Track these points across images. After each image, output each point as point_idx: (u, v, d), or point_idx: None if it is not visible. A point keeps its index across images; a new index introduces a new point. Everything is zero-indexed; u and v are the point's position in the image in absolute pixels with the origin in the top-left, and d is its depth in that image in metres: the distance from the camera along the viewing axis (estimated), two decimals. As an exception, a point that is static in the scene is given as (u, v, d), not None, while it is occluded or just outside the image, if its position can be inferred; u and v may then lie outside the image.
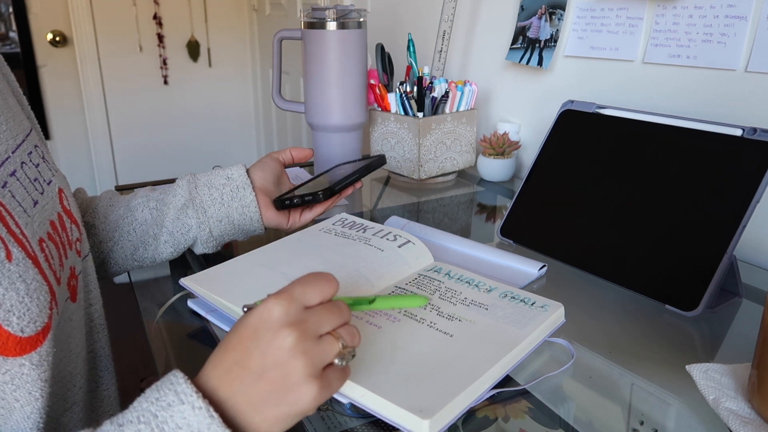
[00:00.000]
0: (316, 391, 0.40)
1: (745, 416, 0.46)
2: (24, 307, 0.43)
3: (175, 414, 0.38)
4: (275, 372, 0.39)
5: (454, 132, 1.11)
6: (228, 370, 0.40)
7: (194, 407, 0.38)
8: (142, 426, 0.38)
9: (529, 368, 0.55)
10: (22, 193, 0.49)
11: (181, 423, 0.38)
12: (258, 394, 0.39)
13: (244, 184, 0.74)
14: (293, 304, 0.40)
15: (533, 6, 1.12)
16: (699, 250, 0.64)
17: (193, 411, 0.38)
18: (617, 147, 0.76)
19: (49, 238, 0.51)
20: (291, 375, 0.39)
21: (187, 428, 0.38)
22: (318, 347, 0.40)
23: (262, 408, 0.40)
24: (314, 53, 1.02)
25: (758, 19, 0.78)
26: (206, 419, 0.38)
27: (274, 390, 0.39)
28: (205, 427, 0.38)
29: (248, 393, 0.40)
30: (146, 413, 0.39)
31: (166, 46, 2.63)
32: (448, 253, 0.77)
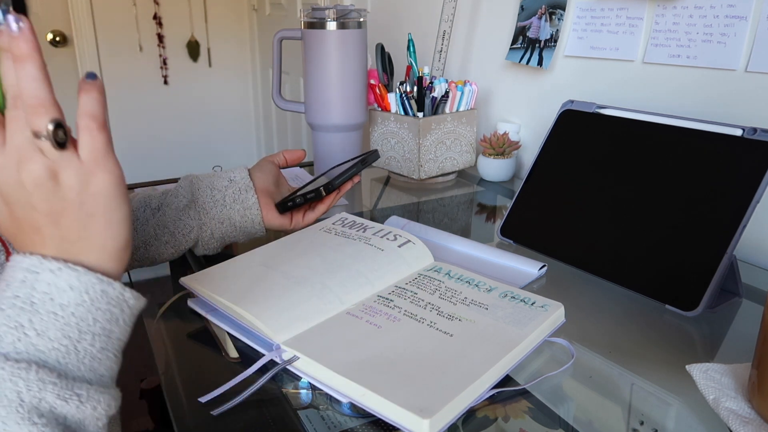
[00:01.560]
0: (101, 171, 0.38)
1: (745, 416, 0.46)
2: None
3: (36, 285, 0.37)
4: (55, 204, 0.37)
5: (454, 132, 1.11)
6: (35, 243, 0.38)
7: (52, 270, 0.37)
8: (8, 311, 0.36)
9: (529, 368, 0.55)
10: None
11: (48, 289, 0.37)
12: (70, 228, 0.38)
13: (247, 186, 0.74)
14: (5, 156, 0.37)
15: (533, 6, 1.12)
16: (699, 250, 0.64)
17: (53, 274, 0.37)
18: (617, 147, 0.76)
19: None
20: (71, 190, 0.37)
21: (58, 290, 0.37)
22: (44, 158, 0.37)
23: (84, 238, 0.38)
24: (314, 53, 1.02)
25: (758, 19, 0.78)
26: (72, 274, 0.37)
27: (75, 215, 0.38)
28: (75, 280, 0.37)
29: (66, 237, 0.38)
30: (3, 300, 0.37)
31: (166, 46, 2.63)
32: (448, 253, 0.77)
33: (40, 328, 0.36)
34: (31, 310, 0.36)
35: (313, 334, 0.55)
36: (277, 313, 0.57)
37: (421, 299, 0.61)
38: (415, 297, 0.62)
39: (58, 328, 0.36)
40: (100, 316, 0.38)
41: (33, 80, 0.37)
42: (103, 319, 0.38)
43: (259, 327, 0.55)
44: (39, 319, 0.36)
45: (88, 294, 0.37)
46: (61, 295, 0.37)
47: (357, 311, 0.59)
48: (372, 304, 0.60)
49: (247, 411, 0.50)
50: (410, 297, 0.62)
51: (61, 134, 0.37)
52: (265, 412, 0.50)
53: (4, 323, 0.36)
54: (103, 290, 0.38)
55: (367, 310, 0.59)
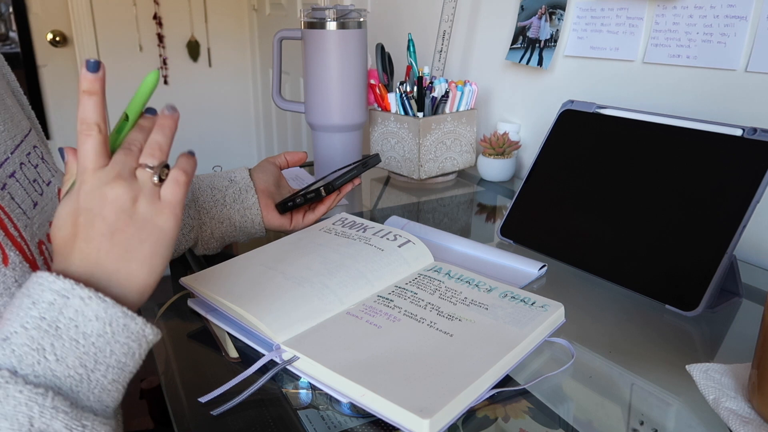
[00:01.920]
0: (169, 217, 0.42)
1: (745, 416, 0.46)
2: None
3: (65, 310, 0.37)
4: (121, 220, 0.40)
5: (454, 132, 1.11)
6: (81, 252, 0.40)
7: (83, 298, 0.38)
8: (33, 332, 0.37)
9: (529, 368, 0.55)
10: (21, 194, 0.49)
11: (75, 316, 0.37)
12: (120, 246, 0.40)
13: (247, 186, 0.74)
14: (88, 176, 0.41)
15: (533, 6, 1.12)
16: (699, 250, 0.64)
17: (83, 302, 0.37)
18: (617, 147, 0.76)
19: (48, 239, 0.51)
20: (142, 219, 0.41)
21: (84, 319, 0.37)
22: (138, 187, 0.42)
23: (132, 254, 0.41)
24: (314, 53, 1.02)
25: (758, 19, 0.78)
26: (101, 305, 0.38)
27: (131, 232, 0.41)
28: (102, 311, 0.38)
29: (111, 253, 0.40)
30: (30, 320, 0.37)
31: (166, 46, 2.63)
32: (448, 253, 0.77)
33: (60, 353, 0.37)
34: (55, 334, 0.37)
35: (313, 334, 0.55)
36: (277, 313, 0.57)
37: (421, 299, 0.61)
38: (415, 297, 0.62)
39: (77, 356, 0.37)
40: (118, 349, 0.39)
41: (164, 135, 0.44)
42: (120, 352, 0.39)
43: (259, 327, 0.55)
44: (61, 344, 0.37)
45: (111, 326, 0.38)
46: (86, 324, 0.37)
47: (357, 311, 0.59)
48: (372, 304, 0.60)
49: (247, 411, 0.50)
50: (410, 297, 0.62)
51: (164, 175, 0.43)
52: (265, 412, 0.50)
53: (27, 343, 0.36)
54: (125, 324, 0.39)
55: (367, 310, 0.59)
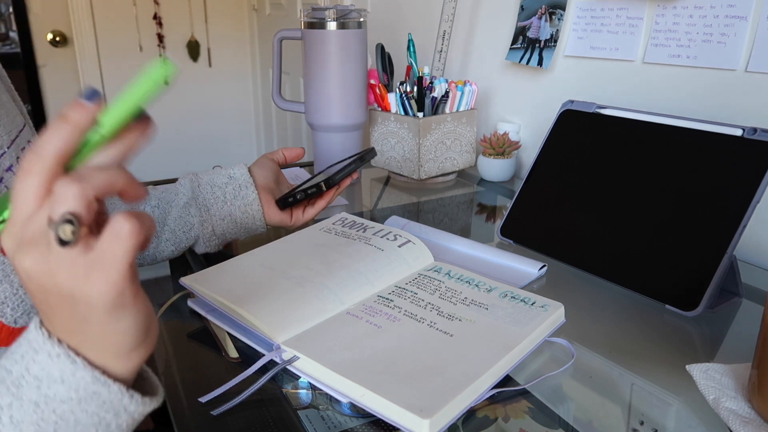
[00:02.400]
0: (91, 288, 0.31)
1: (745, 416, 0.46)
2: (18, 299, 0.44)
3: (31, 366, 0.33)
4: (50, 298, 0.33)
5: (454, 132, 1.11)
6: (44, 317, 0.35)
7: (50, 355, 0.33)
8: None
9: (529, 368, 0.55)
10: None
11: (40, 374, 0.33)
12: (67, 324, 0.33)
13: (247, 182, 0.74)
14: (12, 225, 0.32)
15: (533, 6, 1.12)
16: (699, 250, 0.64)
17: (50, 359, 0.33)
18: (617, 147, 0.76)
19: None
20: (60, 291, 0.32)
21: (49, 379, 0.33)
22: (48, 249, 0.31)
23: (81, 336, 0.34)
24: (314, 53, 1.02)
25: (758, 19, 0.78)
26: (68, 366, 0.33)
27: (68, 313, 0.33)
28: (69, 374, 0.33)
29: (64, 328, 0.34)
30: (1, 370, 0.34)
31: (166, 46, 2.63)
32: (448, 253, 0.77)
33: (17, 416, 0.33)
34: (15, 393, 0.33)
35: (313, 334, 0.55)
36: (277, 313, 0.57)
37: (421, 299, 0.61)
38: (415, 297, 0.62)
39: (34, 421, 0.33)
40: (85, 419, 0.34)
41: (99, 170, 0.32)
42: (88, 422, 0.34)
43: (259, 327, 0.55)
44: (19, 405, 0.33)
45: (77, 393, 0.33)
46: (50, 386, 0.33)
47: (357, 311, 0.59)
48: (372, 304, 0.60)
49: (247, 411, 0.50)
50: (410, 297, 0.62)
51: (69, 233, 0.30)
52: (265, 412, 0.50)
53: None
54: (95, 391, 0.34)
55: (367, 310, 0.59)
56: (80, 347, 0.34)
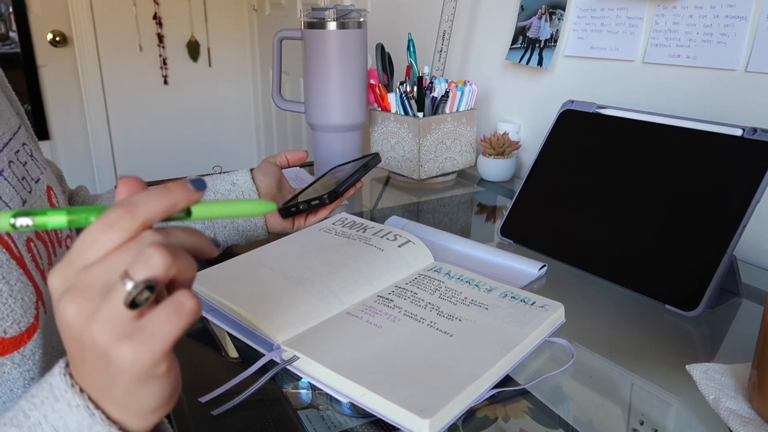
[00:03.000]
0: (129, 353, 0.30)
1: (745, 416, 0.46)
2: (7, 309, 0.44)
3: (50, 414, 0.33)
4: (84, 351, 0.32)
5: (454, 132, 1.11)
6: (72, 362, 0.34)
7: (70, 405, 0.33)
8: (13, 430, 0.33)
9: (529, 368, 0.55)
10: (10, 192, 0.49)
11: (57, 424, 0.33)
12: (95, 377, 0.33)
13: (250, 190, 0.74)
14: (68, 267, 0.32)
15: (533, 6, 1.12)
16: (699, 250, 0.64)
17: (69, 409, 0.33)
18: (617, 147, 0.76)
19: (37, 237, 0.50)
20: (95, 346, 0.31)
21: (65, 429, 0.33)
22: (102, 304, 0.30)
23: (110, 388, 0.33)
24: (314, 53, 1.02)
25: (758, 19, 0.78)
26: (86, 418, 0.33)
27: (99, 368, 0.32)
28: (86, 427, 0.33)
29: (89, 380, 0.33)
30: (19, 414, 0.34)
31: (166, 46, 2.64)
32: (448, 253, 0.77)
33: None
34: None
35: (313, 334, 0.55)
36: (277, 313, 0.57)
37: (421, 299, 0.61)
38: (415, 297, 0.62)
39: None
40: None
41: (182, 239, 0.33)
42: None
43: (259, 327, 0.55)
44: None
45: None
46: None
47: (357, 311, 0.59)
48: (372, 304, 0.60)
49: (247, 411, 0.50)
50: (410, 297, 0.62)
51: (143, 299, 0.30)
52: (265, 412, 0.50)
53: None
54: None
55: (367, 310, 0.59)
56: (102, 401, 0.34)
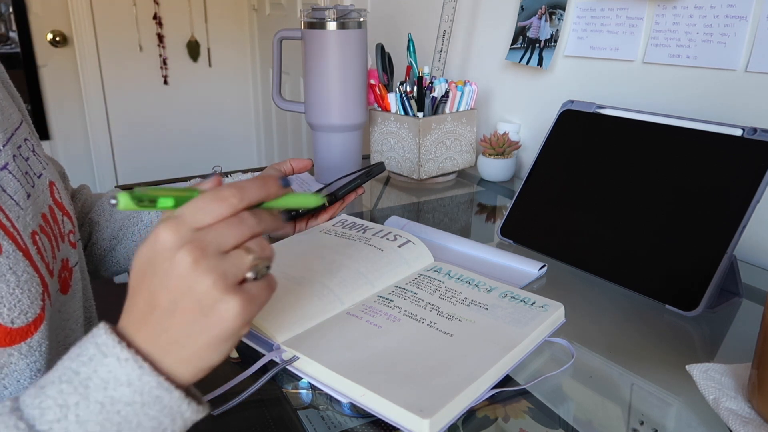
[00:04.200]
0: (237, 306, 0.35)
1: (745, 416, 0.46)
2: (15, 299, 0.44)
3: (99, 368, 0.35)
4: (186, 300, 0.35)
5: (454, 132, 1.11)
6: (142, 316, 0.37)
7: (119, 359, 0.35)
8: (64, 385, 0.35)
9: (529, 368, 0.55)
10: (15, 186, 0.49)
11: (107, 377, 0.35)
12: (178, 329, 0.36)
13: None
14: (182, 226, 0.36)
15: (533, 6, 1.12)
16: (699, 250, 0.64)
17: (118, 363, 0.35)
18: (617, 147, 0.76)
19: (41, 230, 0.51)
20: (202, 297, 0.35)
21: (115, 382, 0.35)
22: (224, 261, 0.36)
23: (188, 342, 0.36)
24: (314, 53, 1.02)
25: (758, 19, 0.78)
26: (135, 370, 0.35)
27: (192, 319, 0.36)
28: (136, 378, 0.35)
29: (169, 332, 0.36)
30: (67, 371, 0.35)
31: (166, 46, 2.63)
32: (448, 253, 0.77)
33: (83, 415, 0.34)
34: (83, 393, 0.35)
35: (313, 334, 0.55)
36: (277, 314, 0.57)
37: (421, 299, 0.61)
38: (415, 297, 0.62)
39: (99, 422, 0.35)
40: (147, 422, 0.35)
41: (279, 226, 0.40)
42: (149, 426, 0.36)
43: (259, 327, 0.55)
44: (85, 405, 0.35)
45: (142, 396, 0.35)
46: (116, 389, 0.35)
47: (357, 311, 0.59)
48: (372, 304, 0.60)
49: (247, 411, 0.50)
50: (410, 297, 0.62)
51: (263, 271, 0.38)
52: (265, 412, 0.50)
53: (53, 397, 0.35)
54: (158, 396, 0.35)
55: (367, 310, 0.59)
56: (163, 355, 0.36)
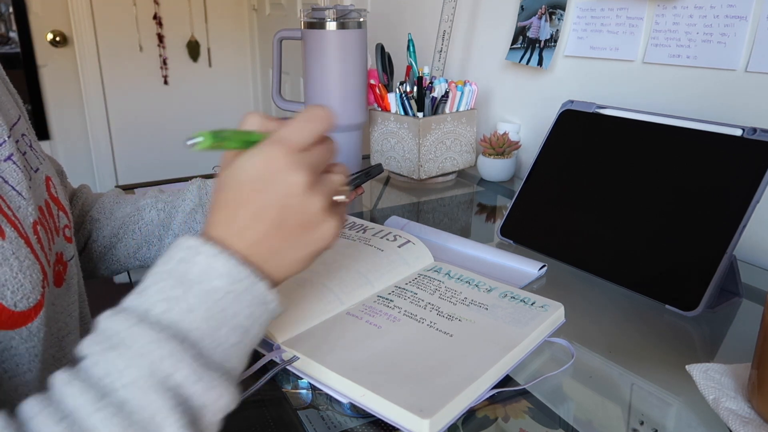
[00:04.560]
0: (335, 226, 0.41)
1: (745, 416, 0.46)
2: (17, 283, 0.44)
3: (193, 266, 0.37)
4: (296, 216, 0.39)
5: (454, 132, 1.11)
6: (245, 227, 0.39)
7: (210, 255, 0.38)
8: (163, 284, 0.37)
9: (529, 368, 0.55)
10: (18, 177, 0.50)
11: (204, 270, 0.37)
12: (282, 241, 0.40)
13: None
14: (292, 148, 0.39)
15: (533, 6, 1.12)
16: (699, 250, 0.64)
17: (212, 258, 0.38)
18: (617, 147, 0.76)
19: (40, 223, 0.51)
20: (312, 215, 0.40)
21: (211, 274, 0.37)
22: (325, 183, 0.41)
23: (288, 252, 0.40)
24: (314, 53, 1.02)
25: (758, 19, 0.78)
26: (227, 262, 0.38)
27: (298, 233, 0.40)
28: (231, 268, 0.38)
29: (271, 242, 0.40)
30: (161, 274, 0.38)
31: (166, 46, 2.63)
32: (448, 253, 0.77)
33: (190, 304, 0.37)
34: (185, 286, 0.37)
35: (313, 335, 0.55)
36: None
37: (421, 299, 0.61)
38: (415, 297, 0.62)
39: (204, 309, 0.37)
40: (242, 310, 0.38)
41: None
42: (243, 315, 0.38)
43: (259, 327, 0.55)
44: (192, 295, 0.37)
45: (236, 284, 0.38)
46: (213, 280, 0.37)
47: (357, 311, 0.59)
48: (372, 305, 0.60)
49: (247, 411, 0.50)
50: (410, 297, 0.62)
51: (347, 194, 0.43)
52: (265, 412, 0.50)
53: (157, 293, 0.37)
54: (250, 285, 0.38)
55: (367, 311, 0.59)
56: (266, 260, 0.40)
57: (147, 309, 0.36)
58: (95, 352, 0.35)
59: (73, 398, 0.33)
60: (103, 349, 0.35)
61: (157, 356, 0.34)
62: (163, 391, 0.34)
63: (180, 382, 0.35)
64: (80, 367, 0.35)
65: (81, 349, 0.36)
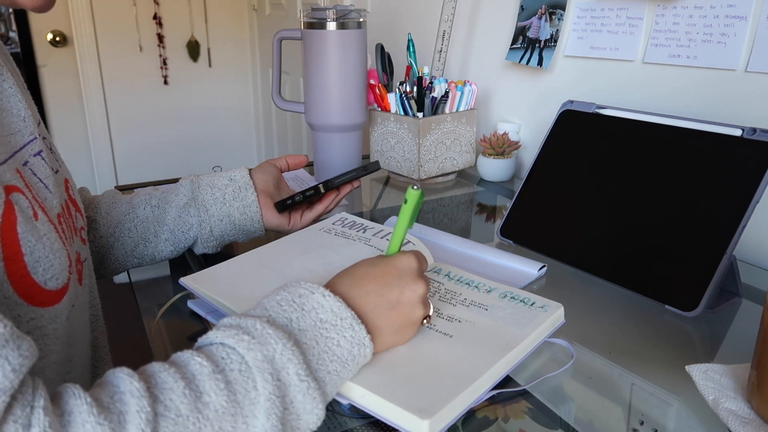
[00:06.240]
0: (415, 332, 0.52)
1: (745, 416, 0.46)
2: (48, 262, 0.46)
3: (309, 299, 0.46)
4: (405, 309, 0.50)
5: (454, 132, 1.11)
6: (365, 294, 0.48)
7: (325, 295, 0.46)
8: (284, 304, 0.45)
9: (529, 368, 0.55)
10: (45, 171, 0.52)
11: (317, 304, 0.45)
12: (385, 320, 0.49)
13: (247, 184, 0.74)
14: (423, 266, 0.52)
15: (533, 6, 1.12)
16: (699, 250, 0.64)
17: (325, 297, 0.46)
18: (617, 147, 0.76)
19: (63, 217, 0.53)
20: (414, 315, 0.50)
21: (323, 308, 0.45)
22: (428, 302, 0.53)
23: (383, 332, 0.49)
24: (314, 53, 1.02)
25: (758, 19, 0.78)
26: (337, 303, 0.46)
27: (398, 322, 0.50)
28: (338, 308, 0.45)
29: (378, 317, 0.48)
30: (281, 301, 0.46)
31: (166, 46, 2.63)
32: (448, 254, 0.77)
33: (302, 325, 0.44)
34: (300, 311, 0.45)
35: (313, 335, 0.55)
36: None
37: (421, 299, 0.61)
38: (415, 297, 0.62)
39: (313, 334, 0.44)
40: (343, 343, 0.45)
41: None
42: (344, 347, 0.45)
43: (259, 327, 0.55)
44: (304, 319, 0.45)
45: (341, 321, 0.45)
46: (324, 312, 0.45)
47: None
48: (372, 305, 0.60)
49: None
50: (410, 297, 0.61)
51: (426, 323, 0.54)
52: (265, 413, 0.50)
53: (278, 312, 0.45)
54: (352, 325, 0.46)
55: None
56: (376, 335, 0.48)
57: (268, 317, 0.44)
58: (219, 336, 0.42)
59: (198, 365, 0.40)
60: (229, 335, 0.42)
61: (277, 350, 0.41)
62: (275, 381, 0.40)
63: (288, 381, 0.41)
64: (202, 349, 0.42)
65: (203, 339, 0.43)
